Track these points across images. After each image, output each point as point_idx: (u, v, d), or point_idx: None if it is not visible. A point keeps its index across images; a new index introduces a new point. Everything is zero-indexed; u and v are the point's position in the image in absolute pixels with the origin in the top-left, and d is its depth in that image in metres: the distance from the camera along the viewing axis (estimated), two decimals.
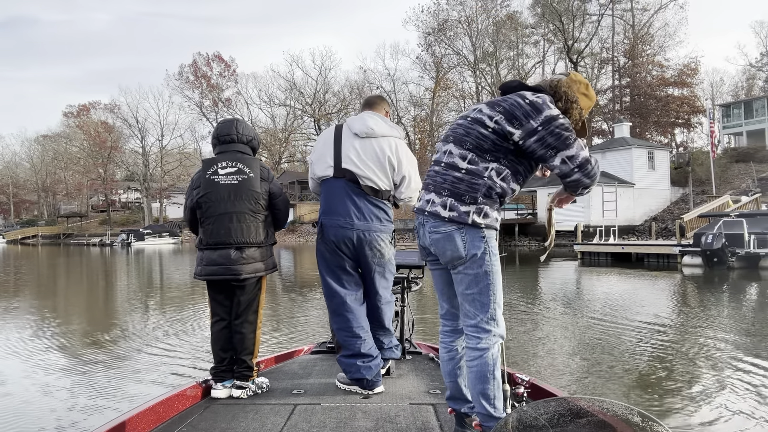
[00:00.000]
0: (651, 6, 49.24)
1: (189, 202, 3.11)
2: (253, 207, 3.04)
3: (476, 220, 2.09)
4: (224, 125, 3.18)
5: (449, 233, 2.11)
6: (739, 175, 36.07)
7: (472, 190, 2.09)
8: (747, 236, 16.70)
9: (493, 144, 2.10)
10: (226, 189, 3.00)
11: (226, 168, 3.03)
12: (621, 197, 30.39)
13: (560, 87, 2.20)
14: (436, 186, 2.18)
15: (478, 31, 50.91)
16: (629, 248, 21.83)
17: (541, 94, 2.13)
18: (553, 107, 2.09)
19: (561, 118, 2.06)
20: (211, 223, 2.99)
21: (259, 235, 3.05)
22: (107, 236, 56.13)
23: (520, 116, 2.06)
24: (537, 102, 2.07)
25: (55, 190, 76.52)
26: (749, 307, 9.89)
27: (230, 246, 2.97)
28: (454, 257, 2.12)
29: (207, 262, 2.99)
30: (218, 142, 3.13)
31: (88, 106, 69.71)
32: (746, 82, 59.93)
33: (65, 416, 4.44)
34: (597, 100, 46.88)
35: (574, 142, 2.05)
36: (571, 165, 2.04)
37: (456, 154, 2.15)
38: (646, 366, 5.75)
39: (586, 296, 12.15)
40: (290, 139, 61.26)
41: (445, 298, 2.34)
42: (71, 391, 5.12)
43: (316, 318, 8.92)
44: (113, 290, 14.77)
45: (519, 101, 2.09)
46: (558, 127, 2.03)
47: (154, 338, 7.48)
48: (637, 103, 46.99)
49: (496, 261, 2.16)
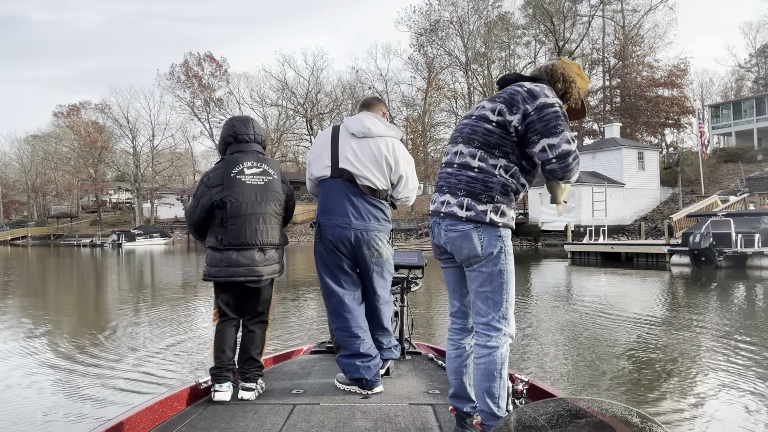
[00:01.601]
0: (641, 7, 49.69)
1: (205, 200, 2.96)
2: (277, 209, 3.05)
3: (494, 219, 2.09)
4: (242, 124, 3.09)
5: (466, 232, 2.11)
6: (728, 175, 36.41)
7: (488, 189, 2.10)
8: (734, 236, 16.89)
9: (499, 138, 2.11)
10: (253, 190, 2.96)
11: (252, 168, 2.98)
12: (611, 197, 30.63)
13: (556, 70, 2.23)
14: (451, 187, 2.18)
15: (469, 31, 51.09)
16: (619, 248, 22.02)
17: (539, 83, 2.15)
18: (551, 95, 2.10)
19: (556, 107, 2.06)
20: (235, 224, 2.92)
21: (279, 236, 3.07)
22: (98, 237, 55.76)
23: (518, 101, 2.08)
24: (534, 89, 2.10)
25: (45, 191, 75.97)
26: (736, 306, 10.01)
27: (254, 247, 2.94)
28: (470, 256, 2.12)
29: (228, 263, 2.92)
30: (235, 140, 3.05)
31: (79, 106, 69.21)
32: (735, 82, 60.54)
33: (65, 417, 4.45)
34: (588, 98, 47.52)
35: (561, 132, 2.04)
36: (550, 154, 2.04)
37: (466, 153, 2.16)
38: (632, 363, 5.82)
39: (576, 295, 12.25)
40: (282, 140, 61.11)
41: (456, 296, 2.33)
42: (67, 393, 5.12)
43: (311, 318, 8.97)
44: (103, 292, 14.71)
45: (517, 89, 2.12)
46: (549, 114, 2.04)
47: (147, 341, 7.48)
48: (628, 104, 47.32)
49: (511, 260, 2.17)
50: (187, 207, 3.12)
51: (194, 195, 3.04)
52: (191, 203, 3.06)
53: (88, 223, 69.00)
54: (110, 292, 14.34)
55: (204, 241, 3.08)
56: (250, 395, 2.90)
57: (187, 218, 3.10)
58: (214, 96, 62.48)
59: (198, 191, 3.01)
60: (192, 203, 3.05)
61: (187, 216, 3.10)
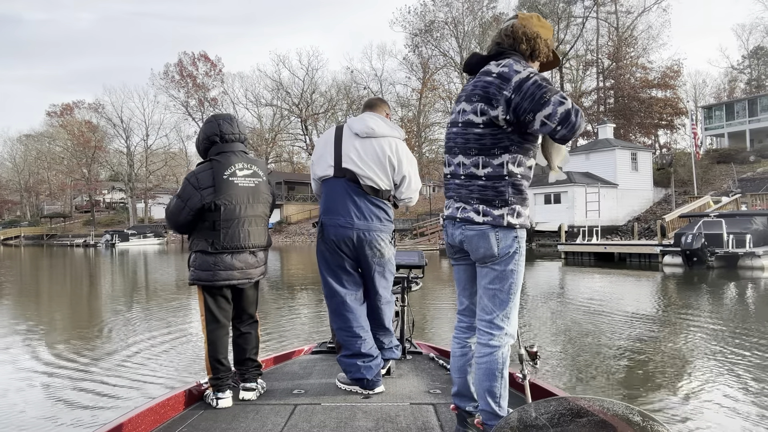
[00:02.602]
0: (635, 9, 49.93)
1: (194, 202, 2.85)
2: (266, 210, 3.04)
3: (511, 222, 2.10)
4: (228, 123, 3.01)
5: (484, 231, 2.11)
6: (720, 176, 36.64)
7: (500, 194, 2.10)
8: (726, 236, 16.99)
9: (492, 137, 2.08)
10: (245, 192, 2.93)
11: (243, 170, 2.94)
12: (605, 198, 30.77)
13: (516, 31, 2.14)
14: (462, 197, 2.18)
15: (464, 32, 51.19)
16: (612, 248, 22.13)
17: (503, 60, 2.09)
18: (521, 68, 2.03)
19: (531, 77, 1.99)
20: (229, 227, 2.87)
21: (267, 238, 3.07)
22: (91, 237, 55.54)
23: (494, 93, 2.03)
24: (503, 72, 2.03)
25: (38, 191, 75.55)
26: (728, 306, 10.09)
27: (246, 250, 2.93)
28: (486, 255, 2.12)
29: (223, 266, 2.86)
30: (221, 140, 2.96)
31: (72, 105, 68.98)
32: (728, 84, 60.94)
33: (63, 418, 4.46)
34: (582, 99, 47.06)
35: (550, 98, 1.97)
36: (552, 123, 1.98)
37: (469, 164, 2.14)
38: (624, 360, 5.87)
39: (570, 295, 12.29)
40: (277, 140, 61.04)
41: (466, 294, 2.33)
42: (62, 397, 5.12)
43: (306, 319, 8.98)
44: (97, 294, 14.66)
45: (488, 80, 2.06)
46: (530, 88, 1.97)
47: (141, 345, 7.48)
48: (621, 105, 47.55)
49: (523, 261, 2.18)
50: (170, 207, 2.95)
51: (179, 195, 2.90)
52: (176, 204, 2.91)
53: (82, 223, 68.69)
54: (102, 295, 14.29)
55: (189, 241, 2.98)
56: (251, 395, 2.89)
57: (170, 219, 2.96)
58: (209, 96, 62.43)
59: (184, 192, 2.88)
60: (177, 204, 2.90)
61: (170, 216, 2.95)
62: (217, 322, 2.93)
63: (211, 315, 2.92)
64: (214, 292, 2.91)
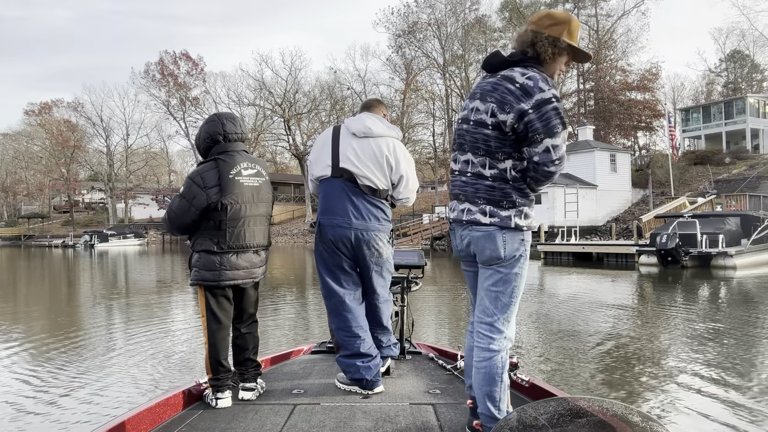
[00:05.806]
0: (614, 12, 50.69)
1: (199, 201, 2.81)
2: (269, 210, 3.07)
3: (518, 223, 2.11)
4: (231, 122, 2.99)
5: (491, 232, 2.11)
6: (697, 177, 37.33)
7: (507, 195, 2.10)
8: (699, 236, 17.31)
9: (498, 142, 2.08)
10: (250, 191, 2.93)
11: (248, 169, 2.94)
12: (584, 198, 31.18)
13: (538, 38, 2.09)
14: (468, 196, 2.17)
15: (447, 34, 51.45)
16: (590, 248, 22.43)
17: (532, 73, 2.04)
18: (546, 88, 2.01)
19: (553, 101, 1.99)
20: (235, 226, 2.86)
21: (268, 237, 3.09)
22: (70, 237, 54.71)
23: (512, 101, 2.02)
24: (528, 85, 2.01)
25: (15, 190, 74.07)
26: (700, 303, 10.25)
27: (250, 249, 2.94)
28: (492, 257, 2.12)
29: (229, 266, 2.86)
30: (224, 139, 2.94)
31: (51, 104, 67.74)
32: (706, 87, 62.09)
33: (62, 419, 4.46)
34: (564, 101, 47.05)
35: (560, 132, 2.00)
36: (554, 155, 2.00)
37: (477, 163, 2.14)
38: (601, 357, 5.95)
39: (551, 294, 12.41)
40: (260, 139, 60.71)
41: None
42: (57, 402, 5.10)
43: (302, 319, 9.00)
44: (77, 295, 14.50)
45: (509, 87, 2.04)
46: (548, 112, 1.98)
47: (132, 347, 7.42)
48: (601, 107, 48.20)
49: (527, 265, 2.18)
50: (173, 207, 2.88)
51: (183, 195, 2.85)
52: (179, 204, 2.85)
53: (60, 224, 67.61)
54: (82, 296, 14.14)
55: (192, 241, 2.94)
56: (250, 395, 2.90)
57: (174, 220, 2.88)
58: (190, 95, 61.70)
59: (189, 191, 2.82)
60: (181, 204, 2.84)
61: (174, 218, 2.88)
62: (218, 323, 2.91)
63: (213, 316, 2.90)
64: (216, 293, 2.89)
